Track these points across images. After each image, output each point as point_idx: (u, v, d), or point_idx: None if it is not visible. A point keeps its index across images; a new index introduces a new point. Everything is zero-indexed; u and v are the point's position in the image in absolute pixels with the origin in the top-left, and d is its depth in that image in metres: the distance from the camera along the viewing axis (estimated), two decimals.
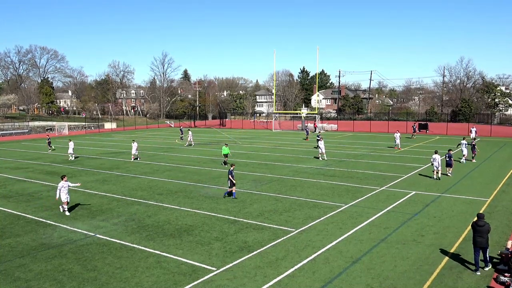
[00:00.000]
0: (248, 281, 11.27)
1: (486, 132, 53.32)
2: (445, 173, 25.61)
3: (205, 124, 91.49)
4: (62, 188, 18.17)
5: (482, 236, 11.72)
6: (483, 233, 11.72)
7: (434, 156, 24.49)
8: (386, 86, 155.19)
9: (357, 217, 17.07)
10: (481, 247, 11.75)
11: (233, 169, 20.94)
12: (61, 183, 18.32)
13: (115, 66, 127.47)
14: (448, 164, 25.54)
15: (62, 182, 18.34)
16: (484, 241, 11.72)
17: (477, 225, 11.87)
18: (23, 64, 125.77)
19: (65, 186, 18.25)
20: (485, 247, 11.78)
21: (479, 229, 11.78)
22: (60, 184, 18.32)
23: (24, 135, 68.81)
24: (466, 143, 31.11)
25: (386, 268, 12.00)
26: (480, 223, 11.82)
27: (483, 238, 11.71)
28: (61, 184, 18.31)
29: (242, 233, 15.23)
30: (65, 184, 18.27)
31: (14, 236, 15.43)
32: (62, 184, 18.29)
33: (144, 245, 14.20)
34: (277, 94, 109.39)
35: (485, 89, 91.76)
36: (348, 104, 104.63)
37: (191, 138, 46.14)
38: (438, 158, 24.34)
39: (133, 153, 34.88)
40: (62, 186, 18.19)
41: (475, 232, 11.87)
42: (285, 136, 58.34)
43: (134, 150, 34.79)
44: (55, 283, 11.34)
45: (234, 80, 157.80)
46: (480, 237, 11.73)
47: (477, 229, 11.82)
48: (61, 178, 18.76)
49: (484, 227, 11.73)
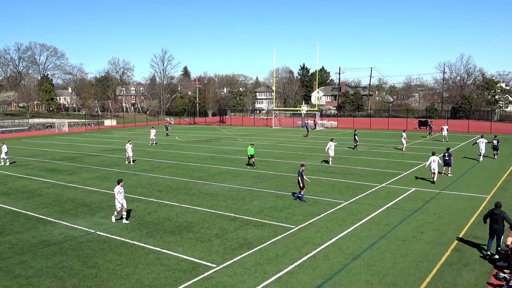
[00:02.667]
0: (248, 277, 11.29)
1: (486, 129, 53.27)
2: (443, 172, 24.69)
3: (205, 121, 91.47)
4: (118, 194, 16.43)
5: (498, 223, 12.53)
6: (499, 220, 12.53)
7: (432, 158, 22.65)
8: (386, 83, 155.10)
9: (357, 214, 17.09)
10: (497, 233, 12.57)
11: (303, 170, 19.32)
12: (117, 188, 16.46)
13: (115, 63, 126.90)
14: (446, 163, 24.55)
15: (118, 187, 16.47)
16: (501, 228, 12.53)
17: (493, 213, 12.65)
18: (22, 61, 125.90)
19: (121, 191, 16.53)
20: (500, 233, 12.58)
21: (495, 217, 12.58)
22: (116, 189, 16.46)
23: (24, 132, 68.80)
24: (486, 141, 30.35)
25: (385, 264, 12.02)
26: (497, 211, 12.60)
27: (499, 225, 12.53)
28: (117, 189, 16.45)
29: (242, 230, 15.25)
30: (121, 189, 16.51)
31: (14, 233, 15.45)
32: (118, 189, 16.43)
33: (144, 242, 14.22)
34: (277, 91, 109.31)
35: (485, 85, 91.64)
36: (348, 101, 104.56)
37: (153, 137, 44.00)
38: (437, 160, 22.54)
39: (128, 155, 31.15)
40: (119, 191, 16.41)
41: (492, 219, 12.68)
42: (285, 133, 58.33)
43: (130, 151, 31.14)
44: (55, 280, 11.37)
45: (234, 77, 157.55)
46: (496, 224, 12.55)
47: (494, 217, 12.62)
48: (117, 183, 16.67)
49: (501, 215, 12.53)
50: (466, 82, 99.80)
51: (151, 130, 44.92)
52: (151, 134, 44.24)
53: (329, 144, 29.42)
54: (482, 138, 30.73)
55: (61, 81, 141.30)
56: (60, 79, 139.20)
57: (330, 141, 29.83)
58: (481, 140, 30.51)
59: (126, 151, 31.33)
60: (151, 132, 44.44)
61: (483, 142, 30.28)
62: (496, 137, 32.09)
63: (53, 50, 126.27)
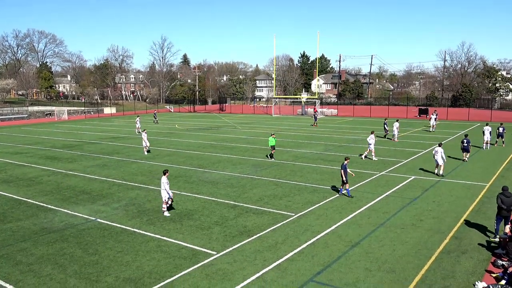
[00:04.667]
0: (248, 264, 11.37)
1: (486, 117, 53.20)
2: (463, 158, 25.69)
3: (204, 109, 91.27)
4: (166, 184, 15.82)
5: (508, 206, 12.62)
6: (509, 203, 12.64)
7: (437, 149, 21.50)
8: (386, 71, 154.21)
9: (357, 201, 17.15)
10: (505, 216, 12.64)
11: (347, 163, 18.06)
12: (164, 178, 15.86)
13: (114, 51, 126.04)
14: (465, 149, 25.48)
15: (165, 178, 15.87)
16: (511, 211, 12.62)
17: (504, 196, 12.75)
18: (21, 48, 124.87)
19: (168, 182, 15.93)
20: (508, 216, 12.60)
21: (506, 200, 12.68)
22: (164, 179, 15.83)
23: (24, 120, 68.69)
24: (490, 129, 30.34)
25: (384, 252, 12.10)
26: (507, 194, 12.74)
27: (509, 208, 12.61)
28: (164, 179, 15.83)
29: (242, 218, 15.32)
30: (167, 180, 15.93)
31: (15, 220, 15.52)
32: (165, 179, 15.82)
33: (145, 229, 14.29)
34: (277, 79, 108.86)
35: (486, 74, 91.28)
36: (348, 89, 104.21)
37: (138, 125, 44.17)
38: (440, 152, 21.21)
39: (145, 145, 30.31)
40: (166, 182, 15.83)
41: (503, 202, 12.71)
42: (285, 121, 58.26)
43: (146, 141, 30.31)
44: (57, 267, 11.45)
45: (234, 64, 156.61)
46: (507, 207, 12.61)
47: (504, 200, 12.71)
48: (163, 173, 16.11)
49: (510, 198, 12.65)
50: (467, 70, 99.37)
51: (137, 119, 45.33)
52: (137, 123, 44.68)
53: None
54: (487, 126, 30.79)
55: (60, 68, 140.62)
56: (59, 67, 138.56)
57: (371, 134, 26.58)
58: (486, 128, 30.58)
59: (143, 140, 30.30)
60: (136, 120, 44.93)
61: (488, 130, 30.36)
62: (502, 124, 32.14)
63: (52, 37, 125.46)
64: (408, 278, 10.49)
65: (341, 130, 43.89)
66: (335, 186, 19.60)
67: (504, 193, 12.87)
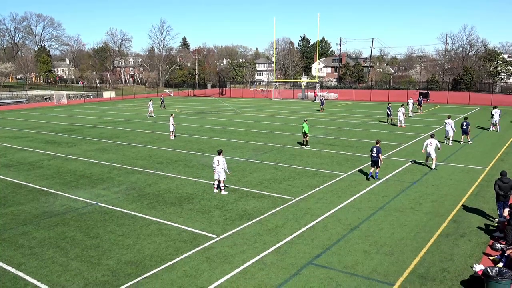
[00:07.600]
0: (248, 248, 11.47)
1: (487, 101, 53.05)
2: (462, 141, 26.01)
3: (204, 93, 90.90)
4: (223, 162, 15.92)
5: (505, 192, 12.75)
6: (507, 189, 12.75)
7: (428, 141, 19.92)
8: (387, 54, 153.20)
9: (356, 185, 17.21)
10: (504, 201, 12.74)
11: (379, 146, 17.84)
12: (221, 157, 16.03)
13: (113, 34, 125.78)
14: (464, 131, 25.73)
15: (222, 157, 16.04)
16: (508, 197, 12.77)
17: (502, 182, 12.82)
18: (19, 31, 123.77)
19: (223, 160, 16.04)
20: (507, 201, 12.72)
21: (503, 186, 12.76)
22: (221, 158, 16.01)
23: (23, 104, 68.46)
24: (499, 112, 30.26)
25: (383, 235, 12.19)
26: (505, 180, 12.80)
27: (506, 194, 12.74)
28: (222, 158, 16.00)
29: (242, 202, 15.40)
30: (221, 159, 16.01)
31: (16, 204, 15.60)
32: (223, 158, 15.98)
33: (145, 213, 14.38)
34: (277, 62, 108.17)
35: (487, 57, 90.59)
36: (349, 72, 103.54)
37: (151, 109, 43.98)
38: (435, 143, 19.68)
39: (172, 129, 29.49)
40: (223, 161, 15.95)
41: (500, 188, 12.82)
42: (285, 105, 58.07)
43: (172, 125, 29.45)
44: (58, 250, 11.55)
45: (233, 48, 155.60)
46: (504, 193, 12.75)
47: (502, 186, 12.79)
48: (218, 153, 16.31)
49: (508, 184, 12.73)
50: (468, 53, 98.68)
51: (149, 103, 44.90)
52: (149, 107, 44.29)
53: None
54: (496, 109, 30.91)
55: (59, 52, 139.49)
56: (57, 50, 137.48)
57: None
58: (496, 110, 30.75)
59: (170, 124, 29.51)
60: (149, 105, 44.48)
61: (498, 113, 30.51)
62: (497, 107, 32.06)
63: (50, 20, 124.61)
64: (407, 260, 10.60)
65: (341, 114, 43.79)
66: (335, 170, 19.63)
67: (502, 178, 12.93)
